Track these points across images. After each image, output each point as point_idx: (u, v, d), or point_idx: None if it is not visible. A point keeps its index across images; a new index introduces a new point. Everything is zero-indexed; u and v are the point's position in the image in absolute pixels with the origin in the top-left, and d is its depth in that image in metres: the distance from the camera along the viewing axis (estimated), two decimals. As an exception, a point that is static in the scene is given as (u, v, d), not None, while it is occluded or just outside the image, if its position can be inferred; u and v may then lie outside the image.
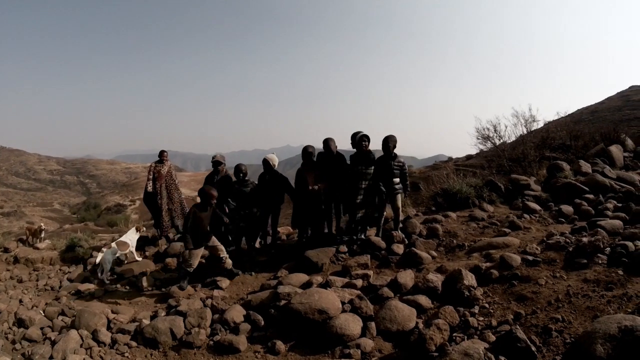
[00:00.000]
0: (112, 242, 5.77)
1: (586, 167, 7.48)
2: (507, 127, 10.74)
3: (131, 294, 4.93)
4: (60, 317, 4.19)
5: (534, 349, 2.47)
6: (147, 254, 6.42)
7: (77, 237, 6.90)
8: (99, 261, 5.39)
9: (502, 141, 10.67)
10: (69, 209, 48.43)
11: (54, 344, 3.51)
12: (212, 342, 3.49)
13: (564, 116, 11.84)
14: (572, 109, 15.53)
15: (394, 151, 5.21)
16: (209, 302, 4.22)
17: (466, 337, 2.91)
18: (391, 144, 5.21)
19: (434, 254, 4.82)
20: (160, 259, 6.18)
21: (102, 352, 3.47)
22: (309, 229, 5.63)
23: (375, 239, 5.13)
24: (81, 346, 3.52)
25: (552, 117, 11.85)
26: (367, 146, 5.19)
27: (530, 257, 3.85)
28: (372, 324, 3.32)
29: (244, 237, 5.72)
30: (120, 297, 4.86)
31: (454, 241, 5.09)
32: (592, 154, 8.71)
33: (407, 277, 3.95)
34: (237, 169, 5.60)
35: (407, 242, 5.14)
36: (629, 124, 12.85)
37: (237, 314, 3.79)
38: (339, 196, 5.45)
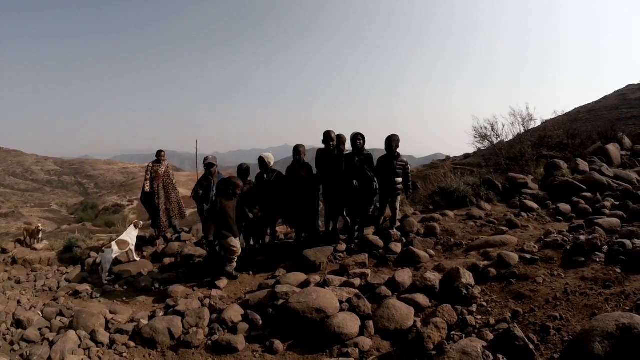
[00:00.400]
0: (112, 242, 5.76)
1: (584, 165, 7.50)
2: (504, 125, 10.80)
3: (129, 294, 4.93)
4: (58, 318, 4.18)
5: (532, 347, 2.48)
6: (145, 254, 6.41)
7: (75, 238, 6.88)
8: (99, 260, 5.37)
9: (499, 140, 10.71)
10: (67, 209, 48.27)
11: (52, 344, 3.50)
12: (210, 342, 3.49)
13: (561, 115, 11.88)
14: (569, 108, 15.58)
15: (397, 150, 5.21)
16: (207, 301, 4.22)
17: (464, 335, 2.92)
18: (394, 143, 5.20)
19: (432, 252, 4.83)
20: (158, 259, 6.17)
21: (100, 353, 3.46)
22: (303, 227, 5.61)
23: (373, 237, 5.14)
24: (79, 347, 3.51)
25: (549, 116, 11.93)
26: (362, 144, 5.18)
27: (528, 256, 3.86)
28: (370, 323, 3.32)
29: (251, 236, 5.71)
30: (118, 297, 4.86)
31: (452, 240, 5.10)
32: (590, 153, 8.74)
33: (405, 276, 3.95)
34: (240, 167, 5.56)
35: (404, 240, 5.14)
36: (627, 122, 12.88)
37: (235, 313, 3.79)
38: (338, 195, 5.45)
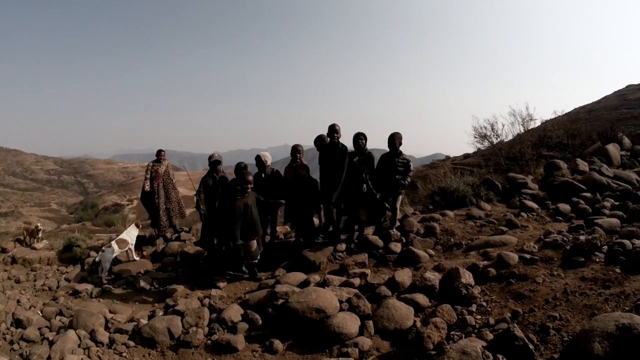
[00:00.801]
0: (112, 241, 5.76)
1: (583, 165, 7.50)
2: (504, 125, 10.79)
3: (129, 294, 4.93)
4: (58, 317, 4.18)
5: (531, 347, 2.48)
6: (144, 253, 6.41)
7: (75, 237, 6.87)
8: (98, 260, 5.37)
9: (499, 140, 10.70)
10: (67, 208, 48.21)
11: (51, 344, 3.50)
12: (209, 342, 3.49)
13: (561, 115, 11.88)
14: (569, 108, 15.57)
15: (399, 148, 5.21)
16: (207, 301, 4.22)
17: (464, 335, 2.92)
18: (397, 141, 5.20)
19: (432, 252, 4.83)
20: (157, 259, 6.18)
21: (100, 352, 3.46)
22: (301, 225, 5.61)
23: (372, 237, 5.13)
24: (79, 346, 3.50)
25: (549, 116, 11.94)
26: (364, 144, 5.19)
27: (527, 256, 3.86)
28: (370, 323, 3.32)
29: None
30: (117, 296, 4.85)
31: (452, 240, 5.10)
32: (590, 153, 8.74)
33: (404, 276, 3.95)
34: (238, 166, 5.55)
35: (404, 240, 5.14)
36: (626, 122, 12.87)
37: (234, 313, 3.79)
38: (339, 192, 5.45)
